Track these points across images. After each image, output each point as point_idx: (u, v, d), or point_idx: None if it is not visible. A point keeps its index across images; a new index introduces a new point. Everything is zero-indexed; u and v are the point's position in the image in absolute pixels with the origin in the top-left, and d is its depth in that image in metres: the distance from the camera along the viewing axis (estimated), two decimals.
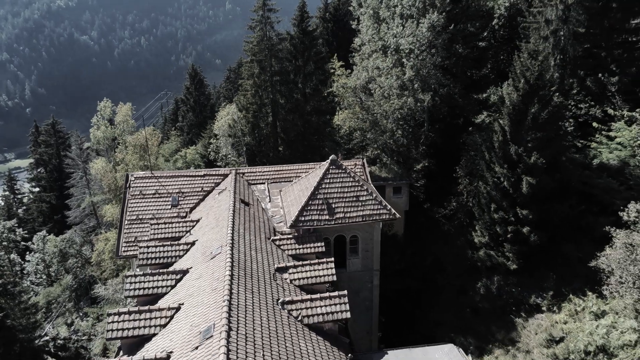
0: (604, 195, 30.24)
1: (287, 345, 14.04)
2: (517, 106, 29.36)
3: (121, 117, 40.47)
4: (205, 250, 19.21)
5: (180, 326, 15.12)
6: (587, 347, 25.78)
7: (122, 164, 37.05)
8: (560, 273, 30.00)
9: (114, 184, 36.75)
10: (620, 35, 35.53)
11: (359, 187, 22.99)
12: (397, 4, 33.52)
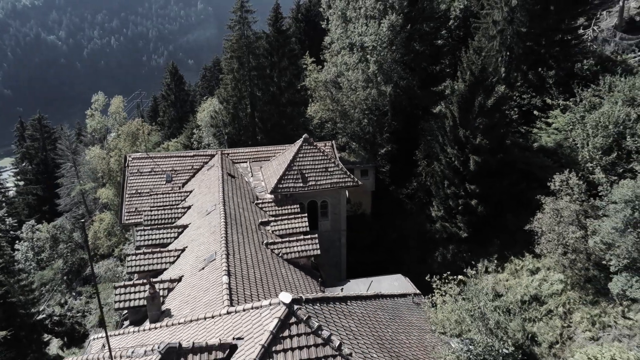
0: (541, 173, 35.54)
1: (271, 270, 18.67)
2: (464, 95, 34.52)
3: (114, 108, 44.39)
4: (201, 210, 23.70)
5: (186, 260, 19.64)
6: (523, 297, 30.78)
7: (116, 149, 41.04)
8: (504, 239, 35.08)
9: (108, 169, 40.73)
10: (557, 35, 40.96)
11: (328, 160, 27.92)
12: (362, 5, 38.51)
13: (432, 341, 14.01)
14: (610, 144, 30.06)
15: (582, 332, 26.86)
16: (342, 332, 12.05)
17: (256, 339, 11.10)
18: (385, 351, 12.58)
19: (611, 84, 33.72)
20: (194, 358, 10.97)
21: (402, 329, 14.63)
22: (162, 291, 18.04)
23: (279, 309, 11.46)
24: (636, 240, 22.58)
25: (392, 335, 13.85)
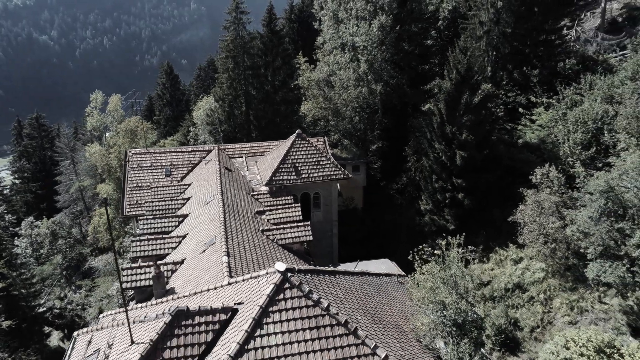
0: (525, 168, 37.33)
1: (267, 253, 20.31)
2: (451, 93, 36.29)
3: (112, 106, 45.94)
4: (200, 200, 25.30)
5: (188, 245, 21.25)
6: (506, 285, 32.53)
7: (116, 146, 42.53)
8: (489, 231, 36.84)
9: (108, 165, 42.24)
10: (540, 35, 42.81)
11: (320, 154, 29.64)
12: (353, 7, 40.24)
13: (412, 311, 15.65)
14: (590, 140, 31.64)
15: (561, 317, 28.40)
16: (330, 297, 13.67)
17: (255, 301, 12.74)
18: (368, 316, 14.23)
19: (592, 82, 35.39)
20: (200, 319, 12.60)
21: (385, 301, 16.31)
22: (165, 272, 19.65)
23: (275, 276, 13.11)
24: (609, 228, 24.07)
25: (376, 304, 15.53)
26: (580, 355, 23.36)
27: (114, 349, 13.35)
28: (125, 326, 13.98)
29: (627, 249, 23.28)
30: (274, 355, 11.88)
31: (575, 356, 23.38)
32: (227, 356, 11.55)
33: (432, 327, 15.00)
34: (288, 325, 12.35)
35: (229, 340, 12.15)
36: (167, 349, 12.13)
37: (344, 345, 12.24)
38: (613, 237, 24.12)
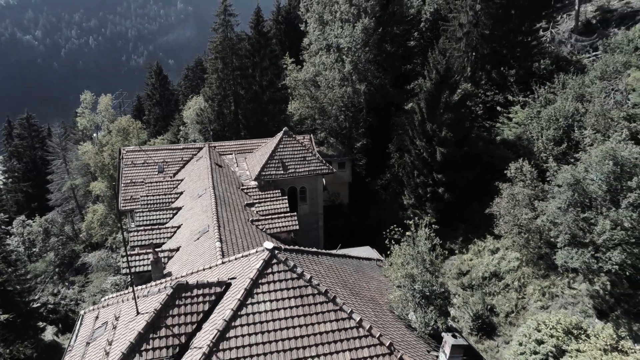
0: (502, 163, 39.49)
1: (256, 241, 22.14)
2: (431, 92, 38.35)
3: (103, 106, 47.44)
4: (193, 194, 27.05)
5: (182, 234, 23.01)
6: (483, 274, 34.58)
7: (108, 144, 44.02)
8: (468, 224, 38.95)
9: (101, 163, 43.72)
10: (517, 37, 44.99)
11: (306, 150, 31.58)
12: (337, 9, 42.20)
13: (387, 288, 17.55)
14: (561, 136, 33.68)
15: (534, 302, 30.37)
16: (313, 272, 15.51)
17: (246, 275, 14.57)
18: (347, 289, 16.11)
19: (564, 82, 37.51)
20: (198, 292, 14.39)
21: (363, 279, 18.20)
22: (163, 259, 21.34)
23: (264, 254, 14.97)
24: (576, 218, 26.02)
25: (354, 281, 17.41)
26: (550, 336, 25.50)
27: (121, 320, 15.09)
28: (130, 301, 15.73)
29: (592, 237, 25.05)
30: (263, 320, 13.77)
31: (545, 337, 25.52)
32: (222, 320, 13.39)
33: (403, 299, 16.97)
34: (275, 295, 14.24)
35: (224, 308, 13.99)
36: (170, 317, 13.92)
37: (324, 311, 14.15)
38: (579, 226, 25.89)
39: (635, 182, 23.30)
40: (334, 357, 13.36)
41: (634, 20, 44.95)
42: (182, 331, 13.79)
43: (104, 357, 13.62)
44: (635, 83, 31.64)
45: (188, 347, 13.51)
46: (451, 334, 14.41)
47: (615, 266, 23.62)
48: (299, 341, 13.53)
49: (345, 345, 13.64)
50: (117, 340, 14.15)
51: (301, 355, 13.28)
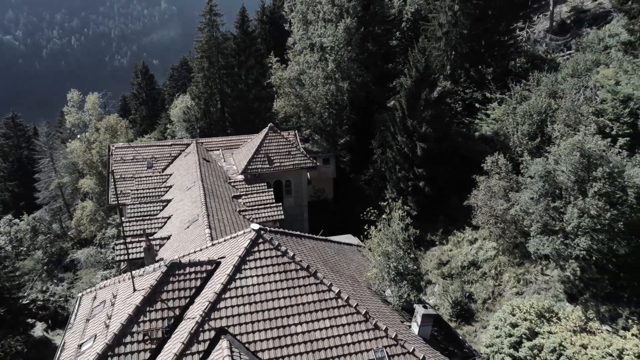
0: (480, 158, 41.31)
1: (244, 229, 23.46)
2: (411, 90, 40.01)
3: (90, 104, 48.43)
4: (182, 187, 28.35)
5: (173, 224, 24.32)
6: (462, 263, 36.25)
7: (97, 142, 45.01)
8: (448, 216, 40.68)
9: (90, 160, 44.68)
10: (495, 36, 46.89)
11: (291, 145, 33.10)
12: (320, 10, 43.75)
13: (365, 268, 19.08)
14: (535, 131, 35.48)
15: (509, 289, 32.07)
16: (296, 251, 16.95)
17: (235, 254, 15.97)
18: (328, 267, 17.58)
19: (539, 79, 39.37)
20: (190, 269, 15.76)
21: (343, 260, 19.68)
22: (155, 247, 22.59)
23: (251, 234, 16.39)
24: (546, 207, 27.71)
25: (335, 261, 18.88)
26: (524, 320, 27.26)
27: (119, 298, 16.38)
28: (126, 282, 17.03)
29: (561, 225, 26.75)
30: (250, 292, 15.19)
31: (520, 321, 27.28)
32: (213, 293, 14.78)
33: (379, 276, 18.50)
34: (262, 270, 15.67)
35: (215, 283, 15.38)
36: (164, 292, 15.25)
37: (306, 284, 15.62)
38: (550, 215, 27.60)
39: (600, 172, 24.91)
40: (315, 325, 14.85)
41: (606, 20, 47.09)
42: (176, 305, 15.16)
43: (104, 330, 14.92)
44: (603, 80, 33.37)
45: (182, 319, 14.89)
46: (422, 305, 15.91)
47: (583, 252, 25.27)
48: (283, 311, 15.03)
49: (325, 314, 15.14)
50: (115, 314, 15.46)
51: (285, 322, 14.74)
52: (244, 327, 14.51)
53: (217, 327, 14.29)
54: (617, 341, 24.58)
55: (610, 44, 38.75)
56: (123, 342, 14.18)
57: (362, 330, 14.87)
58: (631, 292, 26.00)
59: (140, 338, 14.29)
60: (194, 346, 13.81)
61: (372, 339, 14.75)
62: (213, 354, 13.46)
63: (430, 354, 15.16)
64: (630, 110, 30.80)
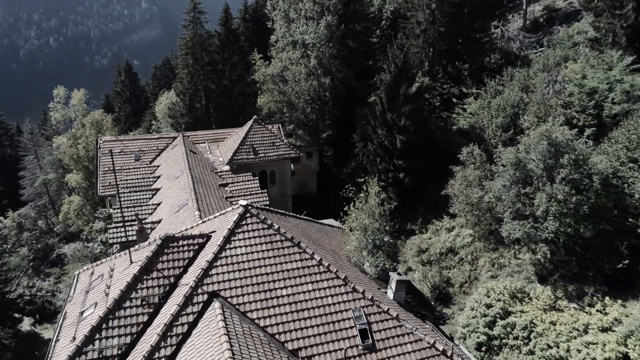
0: (457, 150, 43.35)
1: None
2: (390, 84, 41.81)
3: (76, 101, 49.33)
4: (170, 176, 29.72)
5: (163, 209, 25.70)
6: (441, 250, 38.04)
7: (83, 137, 45.95)
8: (427, 206, 42.48)
9: (76, 155, 45.58)
10: (470, 34, 48.93)
11: (275, 137, 34.69)
12: (302, 8, 45.43)
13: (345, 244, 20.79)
14: (508, 123, 37.43)
15: (485, 273, 33.87)
16: (281, 225, 18.50)
17: (224, 227, 17.49)
18: (310, 241, 19.17)
19: (512, 74, 41.42)
20: (183, 242, 17.23)
21: (325, 237, 21.28)
22: (147, 230, 23.91)
23: (239, 209, 17.92)
24: (517, 193, 29.50)
25: (317, 237, 20.48)
26: (498, 300, 29.20)
27: (116, 271, 17.75)
28: (122, 257, 18.42)
29: (531, 210, 28.57)
30: (239, 261, 16.72)
31: (494, 302, 29.21)
32: (205, 262, 16.28)
33: (358, 249, 20.15)
34: (249, 241, 17.21)
35: (207, 253, 16.87)
36: (160, 262, 16.70)
37: (290, 253, 17.20)
38: (521, 201, 29.42)
39: (566, 159, 26.78)
40: (299, 288, 16.45)
41: (576, 18, 49.46)
42: (171, 273, 16.62)
43: (104, 297, 16.31)
44: (571, 74, 35.39)
45: (177, 286, 16.35)
46: (397, 272, 17.55)
47: (551, 234, 27.10)
48: (270, 276, 16.59)
49: (308, 279, 16.73)
50: (114, 284, 16.84)
51: (271, 287, 16.30)
52: (234, 291, 16.05)
53: (209, 291, 15.81)
54: (582, 317, 26.58)
55: (578, 41, 40.83)
56: (123, 307, 15.63)
57: (341, 293, 16.52)
58: (596, 271, 27.67)
59: (138, 303, 15.75)
60: (189, 308, 15.32)
61: (350, 300, 16.42)
62: (206, 314, 14.97)
63: (403, 314, 16.83)
64: (595, 103, 32.66)
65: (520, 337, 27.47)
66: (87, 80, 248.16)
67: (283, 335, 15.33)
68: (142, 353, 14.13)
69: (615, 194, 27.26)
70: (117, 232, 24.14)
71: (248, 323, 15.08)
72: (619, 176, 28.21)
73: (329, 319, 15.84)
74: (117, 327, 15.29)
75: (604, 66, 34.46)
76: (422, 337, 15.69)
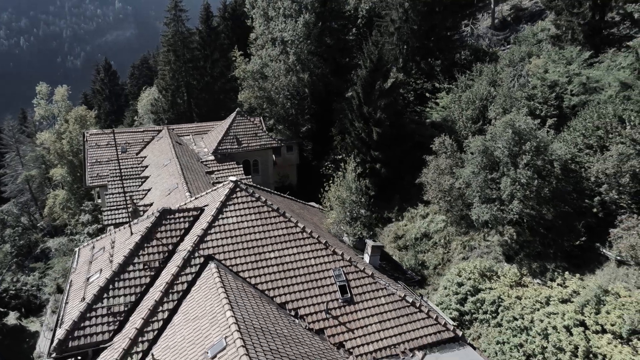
0: (431, 142, 45.95)
1: None
2: (366, 79, 44.18)
3: (59, 97, 50.54)
4: (158, 164, 31.57)
5: (153, 194, 27.58)
6: (416, 235, 40.41)
7: (67, 132, 47.21)
8: (403, 195, 44.90)
9: (61, 149, 46.82)
10: (441, 32, 51.60)
11: (257, 128, 36.87)
12: (280, 6, 47.64)
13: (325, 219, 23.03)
14: (477, 115, 40.01)
15: (457, 255, 36.28)
16: (268, 199, 20.67)
17: (217, 200, 19.58)
18: (294, 214, 21.37)
19: (481, 70, 44.08)
20: (179, 215, 19.27)
21: (307, 213, 23.49)
22: (140, 212, 25.75)
23: (229, 184, 20.04)
24: (485, 178, 31.89)
25: (300, 212, 22.67)
26: (468, 279, 31.65)
27: (117, 242, 19.66)
28: (122, 231, 20.34)
29: (498, 193, 30.97)
30: (231, 229, 18.84)
31: (465, 280, 31.64)
32: (200, 230, 18.36)
33: (337, 221, 22.42)
34: (240, 212, 19.35)
35: (202, 222, 18.95)
36: (159, 232, 18.71)
37: (276, 222, 19.41)
38: (488, 185, 31.81)
39: (528, 146, 29.28)
40: (285, 252, 18.66)
41: (541, 17, 52.69)
42: (169, 241, 18.65)
43: (108, 264, 18.22)
44: (535, 69, 38.11)
45: (175, 252, 18.38)
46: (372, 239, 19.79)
47: (516, 216, 29.57)
48: (259, 242, 18.78)
49: (293, 244, 18.96)
50: (117, 253, 18.77)
51: (260, 250, 18.50)
52: (227, 254, 18.18)
53: (205, 255, 17.90)
54: (545, 291, 29.14)
55: (541, 38, 43.70)
56: (127, 271, 17.62)
57: (322, 255, 18.77)
58: (556, 249, 30.09)
59: (141, 267, 17.74)
60: (188, 269, 17.40)
61: (330, 261, 18.68)
62: (204, 273, 17.05)
63: (377, 274, 19.14)
64: (556, 95, 35.30)
65: (489, 312, 29.77)
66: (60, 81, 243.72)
67: (272, 292, 17.56)
68: (147, 307, 16.13)
69: (573, 178, 29.91)
70: (111, 214, 25.94)
71: (241, 281, 17.22)
72: (577, 161, 30.57)
73: (312, 277, 18.10)
74: (122, 288, 17.28)
75: (564, 61, 36.96)
76: (394, 292, 18.01)
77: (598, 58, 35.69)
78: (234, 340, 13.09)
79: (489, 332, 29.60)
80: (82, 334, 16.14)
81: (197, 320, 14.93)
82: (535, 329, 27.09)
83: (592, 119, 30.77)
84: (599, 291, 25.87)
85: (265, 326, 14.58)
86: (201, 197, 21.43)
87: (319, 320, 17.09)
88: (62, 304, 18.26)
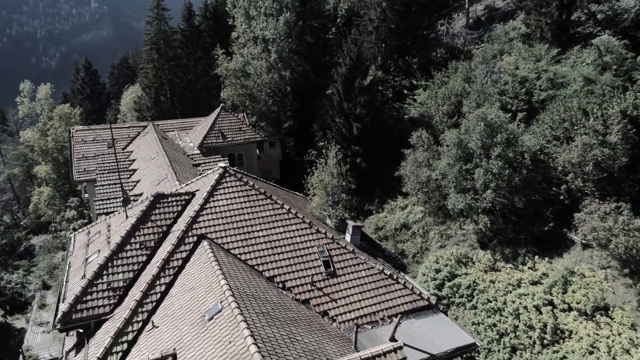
0: (408, 137, 47.86)
1: None
2: (346, 76, 45.92)
3: (42, 94, 51.17)
4: (146, 158, 32.83)
5: (143, 185, 28.88)
6: (395, 226, 42.19)
7: (52, 129, 47.88)
8: (383, 188, 46.69)
9: (45, 146, 47.48)
10: (418, 31, 53.63)
11: (241, 122, 38.42)
12: (262, 5, 49.18)
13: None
14: (453, 110, 41.95)
15: (435, 244, 38.03)
16: (255, 183, 22.20)
17: (207, 185, 21.07)
18: (280, 198, 22.98)
19: (456, 67, 46.11)
20: (172, 199, 20.71)
21: (292, 199, 25.08)
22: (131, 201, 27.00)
23: (219, 170, 21.56)
24: (460, 169, 33.75)
25: (285, 197, 24.28)
26: (445, 265, 33.50)
27: (113, 225, 20.99)
28: (117, 216, 21.67)
29: (472, 184, 32.84)
30: (222, 210, 20.35)
31: (442, 267, 33.49)
32: (193, 211, 19.86)
33: (320, 204, 24.09)
34: (229, 195, 20.88)
35: (194, 205, 20.43)
36: (153, 215, 20.13)
37: (264, 204, 21.01)
38: (463, 176, 33.69)
39: (499, 138, 31.20)
40: (272, 231, 20.27)
41: (513, 16, 55.13)
42: (163, 223, 20.08)
43: (106, 245, 19.57)
44: (506, 66, 40.18)
45: (169, 232, 19.82)
46: (352, 220, 21.44)
47: (489, 204, 31.48)
48: (248, 222, 20.33)
49: (280, 224, 20.58)
50: (113, 235, 20.13)
51: (249, 230, 20.08)
52: (219, 233, 19.71)
53: (198, 234, 19.39)
54: (516, 274, 31.13)
55: (513, 36, 45.89)
56: (124, 250, 19.03)
57: (307, 234, 20.42)
58: (527, 235, 32.03)
59: (137, 247, 19.15)
60: (182, 247, 18.87)
61: (314, 239, 20.34)
62: (197, 250, 18.54)
63: (357, 251, 20.86)
64: (526, 90, 37.31)
65: (465, 295, 31.68)
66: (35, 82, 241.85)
67: (261, 267, 19.15)
68: (145, 281, 17.56)
69: (542, 168, 31.89)
70: (102, 204, 27.15)
71: (232, 257, 18.76)
72: (545, 152, 32.58)
73: (297, 253, 19.74)
74: (120, 266, 18.68)
75: (533, 58, 38.99)
76: (373, 266, 19.75)
77: (565, 55, 37.74)
78: (228, 303, 14.62)
79: (465, 314, 31.42)
80: (85, 307, 17.49)
81: (193, 290, 16.42)
82: (507, 309, 29.02)
83: (559, 112, 32.64)
84: (565, 272, 27.89)
85: (256, 294, 16.15)
86: (191, 183, 22.90)
87: (305, 291, 18.75)
88: (63, 282, 19.53)
